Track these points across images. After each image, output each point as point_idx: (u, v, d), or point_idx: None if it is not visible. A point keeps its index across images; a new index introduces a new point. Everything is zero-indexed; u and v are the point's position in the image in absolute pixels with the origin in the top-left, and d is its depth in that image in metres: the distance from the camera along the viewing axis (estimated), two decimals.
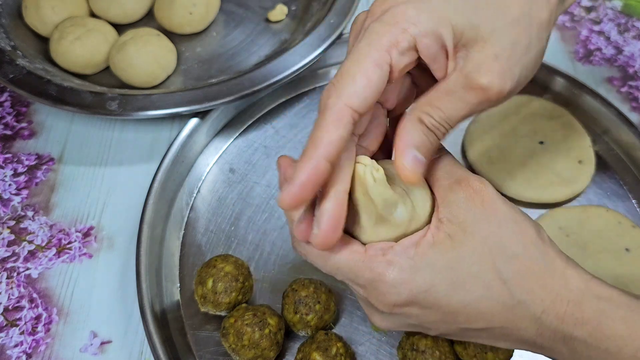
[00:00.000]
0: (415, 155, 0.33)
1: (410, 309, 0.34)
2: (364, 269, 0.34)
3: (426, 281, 0.33)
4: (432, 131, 0.33)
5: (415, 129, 0.33)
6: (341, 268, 0.34)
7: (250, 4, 0.74)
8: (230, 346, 0.45)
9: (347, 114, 0.32)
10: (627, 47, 0.73)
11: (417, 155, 0.33)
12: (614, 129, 0.61)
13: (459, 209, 0.34)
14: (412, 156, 0.33)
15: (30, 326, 0.51)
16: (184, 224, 0.56)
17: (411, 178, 0.33)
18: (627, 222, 0.54)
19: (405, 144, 0.33)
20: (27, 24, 0.68)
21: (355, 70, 0.32)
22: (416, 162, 0.33)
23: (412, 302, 0.33)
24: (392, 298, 0.33)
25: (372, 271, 0.33)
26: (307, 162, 0.31)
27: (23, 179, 0.60)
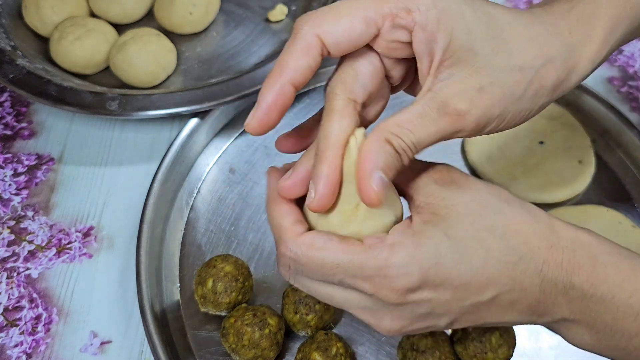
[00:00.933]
0: (381, 177, 0.31)
1: (421, 293, 0.32)
2: (367, 259, 0.32)
3: (432, 254, 0.32)
4: (399, 154, 0.32)
5: (383, 150, 0.32)
6: (342, 264, 0.32)
7: (250, 4, 0.74)
8: (230, 346, 0.45)
9: (317, 45, 0.32)
10: (627, 47, 0.73)
11: (382, 177, 0.31)
12: (614, 129, 0.61)
13: (432, 190, 0.34)
14: (379, 178, 0.31)
15: (30, 326, 0.51)
16: (184, 224, 0.56)
17: (375, 201, 0.31)
18: (627, 222, 0.54)
19: (371, 166, 0.31)
20: (27, 24, 0.68)
21: (343, 13, 0.32)
22: (382, 184, 0.31)
23: (424, 281, 0.32)
24: (404, 281, 0.32)
25: (377, 258, 0.32)
26: (273, 85, 0.32)
27: (23, 179, 0.60)
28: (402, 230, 0.33)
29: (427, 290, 0.33)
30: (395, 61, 0.35)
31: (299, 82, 0.32)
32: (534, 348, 0.49)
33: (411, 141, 0.32)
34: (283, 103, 0.32)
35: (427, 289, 0.32)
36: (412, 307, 0.33)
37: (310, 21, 0.32)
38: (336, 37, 0.32)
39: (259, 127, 0.33)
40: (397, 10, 0.32)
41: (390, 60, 0.34)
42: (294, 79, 0.32)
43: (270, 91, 0.32)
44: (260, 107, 0.32)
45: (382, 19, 0.32)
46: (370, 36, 0.32)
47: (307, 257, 0.33)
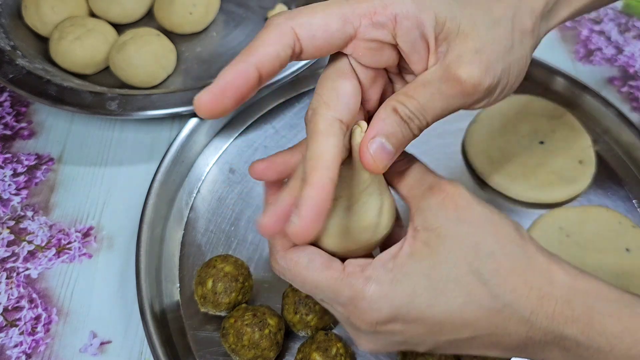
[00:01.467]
0: (383, 143, 0.31)
1: (393, 326, 0.33)
2: (343, 287, 0.32)
3: (406, 293, 0.32)
4: (406, 122, 0.32)
5: (389, 118, 0.32)
6: (320, 287, 0.33)
7: (250, 4, 0.74)
8: (230, 346, 0.45)
9: (290, 36, 0.30)
10: (628, 47, 0.73)
11: (385, 143, 0.31)
12: (614, 129, 0.61)
13: (432, 215, 0.33)
14: (379, 143, 0.31)
15: (30, 326, 0.51)
16: (183, 224, 0.56)
17: (372, 166, 0.31)
18: (627, 222, 0.54)
19: (375, 132, 0.31)
20: (27, 24, 0.68)
21: (319, 10, 0.31)
22: (382, 150, 0.31)
23: (394, 317, 0.32)
24: (374, 315, 0.32)
25: (351, 288, 0.32)
26: (237, 65, 0.29)
27: (23, 179, 0.60)
28: (383, 263, 0.33)
29: (398, 324, 0.33)
30: (373, 77, 0.34)
31: (265, 68, 0.30)
32: None
33: (416, 108, 0.32)
34: (242, 85, 0.29)
35: (399, 323, 0.33)
36: (386, 336, 0.34)
37: (287, 15, 0.31)
38: (311, 31, 0.30)
39: (209, 103, 0.29)
40: (374, 7, 0.31)
41: (369, 74, 0.33)
42: (260, 62, 0.29)
43: (231, 70, 0.29)
44: (216, 84, 0.29)
45: (359, 18, 0.31)
46: (347, 36, 0.31)
47: (292, 273, 0.34)
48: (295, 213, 0.29)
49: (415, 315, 0.32)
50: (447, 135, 0.61)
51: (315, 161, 0.29)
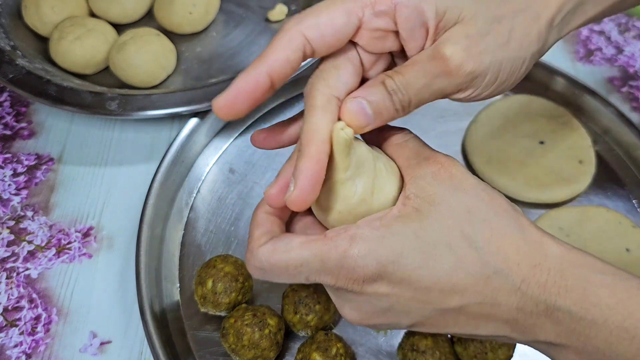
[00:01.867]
0: (363, 105, 0.32)
1: (379, 286, 0.32)
2: (328, 250, 0.32)
3: (394, 250, 0.31)
4: (389, 94, 0.33)
5: (374, 87, 0.33)
6: (305, 261, 0.32)
7: (250, 4, 0.74)
8: (230, 346, 0.45)
9: (299, 40, 0.32)
10: (628, 47, 0.73)
11: (365, 105, 0.32)
12: (614, 129, 0.61)
13: (425, 184, 0.33)
14: (359, 103, 0.32)
15: (30, 326, 0.51)
16: (183, 224, 0.56)
17: (349, 119, 0.32)
18: (627, 222, 0.54)
19: (358, 93, 0.33)
20: (26, 24, 0.68)
21: (323, 8, 0.33)
22: (361, 111, 0.32)
23: (380, 275, 0.32)
24: (360, 272, 0.32)
25: (337, 249, 0.32)
26: (250, 71, 0.32)
27: (23, 179, 0.60)
28: (369, 221, 0.33)
29: (385, 285, 0.32)
30: (375, 59, 0.35)
31: (276, 73, 0.32)
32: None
33: (400, 82, 0.33)
34: (255, 91, 0.32)
35: (385, 283, 0.32)
36: (371, 299, 0.33)
37: (295, 19, 0.33)
38: (319, 31, 0.32)
39: (224, 108, 0.32)
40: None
41: (372, 57, 0.35)
42: (270, 68, 0.32)
43: (244, 78, 0.32)
44: (230, 89, 0.32)
45: (362, 9, 0.33)
46: (353, 27, 0.33)
47: (270, 264, 0.33)
48: (292, 183, 0.31)
49: (401, 276, 0.32)
50: (447, 135, 0.61)
51: (311, 135, 0.32)
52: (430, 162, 0.34)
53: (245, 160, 0.60)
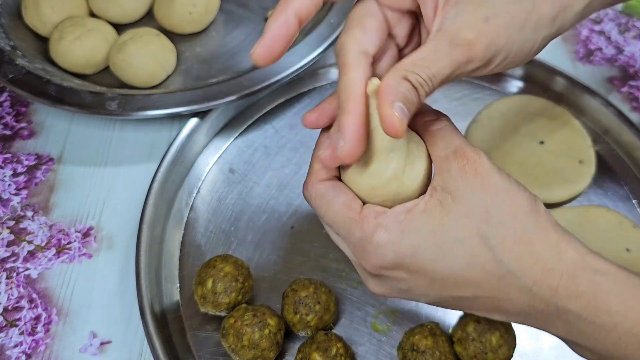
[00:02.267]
0: (402, 107, 0.32)
1: (398, 273, 0.34)
2: (355, 227, 0.34)
3: (412, 245, 0.33)
4: (416, 88, 0.33)
5: (401, 86, 0.32)
6: (337, 222, 0.36)
7: (250, 4, 0.74)
8: (230, 346, 0.45)
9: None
10: (628, 47, 0.73)
11: (403, 107, 0.32)
12: (614, 129, 0.61)
13: (451, 178, 0.34)
14: (399, 107, 0.32)
15: (30, 326, 0.51)
16: (183, 224, 0.56)
17: (398, 128, 0.32)
18: (627, 222, 0.54)
19: (392, 97, 0.32)
20: (26, 24, 0.68)
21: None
22: (403, 113, 0.32)
23: (398, 265, 0.34)
24: (378, 259, 0.34)
25: (362, 230, 0.34)
26: (278, 18, 0.34)
27: (22, 179, 0.60)
28: (396, 215, 0.34)
29: (402, 272, 0.34)
30: (399, 17, 0.37)
31: (302, 14, 0.34)
32: (534, 348, 0.49)
33: (427, 75, 0.33)
34: (288, 33, 0.34)
35: (402, 271, 0.34)
36: (390, 280, 0.35)
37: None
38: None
39: (264, 54, 0.34)
40: None
41: (395, 14, 0.37)
42: (298, 10, 0.34)
43: (276, 23, 0.34)
44: (266, 36, 0.34)
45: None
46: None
47: (316, 203, 0.37)
48: (340, 137, 0.33)
49: (417, 267, 0.34)
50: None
51: (348, 91, 0.34)
52: (457, 156, 0.34)
53: (245, 160, 0.60)
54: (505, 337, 0.45)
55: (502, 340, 0.45)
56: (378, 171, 0.35)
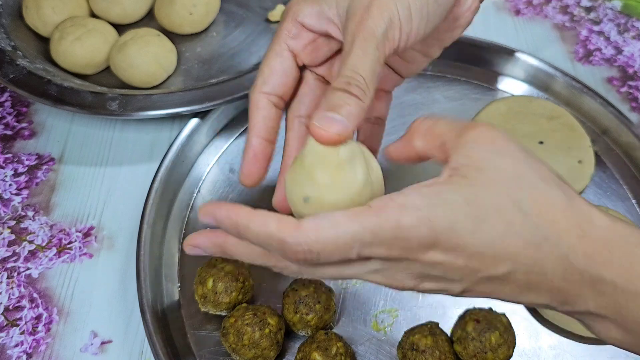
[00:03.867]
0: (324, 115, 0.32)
1: (434, 254, 0.31)
2: (379, 222, 0.30)
3: (447, 218, 0.30)
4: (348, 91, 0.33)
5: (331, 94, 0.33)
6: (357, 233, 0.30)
7: (250, 4, 0.74)
8: (230, 346, 0.45)
9: (263, 99, 0.40)
10: (627, 47, 0.73)
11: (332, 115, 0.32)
12: (613, 129, 0.61)
13: (469, 150, 0.32)
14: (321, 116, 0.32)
15: (31, 326, 0.51)
16: (184, 224, 0.56)
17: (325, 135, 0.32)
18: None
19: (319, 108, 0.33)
20: (27, 24, 0.68)
21: (263, 64, 0.40)
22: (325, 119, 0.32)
23: (435, 242, 0.31)
24: (415, 241, 0.30)
25: (388, 220, 0.30)
26: (247, 144, 0.40)
27: (23, 179, 0.60)
28: (417, 189, 0.31)
29: (439, 252, 0.31)
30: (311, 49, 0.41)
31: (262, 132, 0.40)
32: (534, 348, 0.49)
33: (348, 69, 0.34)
34: (260, 153, 0.40)
35: (440, 250, 0.31)
36: (424, 266, 0.32)
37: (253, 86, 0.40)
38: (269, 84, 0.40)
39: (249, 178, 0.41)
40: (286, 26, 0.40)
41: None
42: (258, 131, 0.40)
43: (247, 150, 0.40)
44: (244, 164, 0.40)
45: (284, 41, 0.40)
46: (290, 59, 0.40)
47: (320, 244, 0.30)
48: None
49: (456, 242, 0.31)
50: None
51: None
52: (469, 130, 0.33)
53: None
54: (504, 336, 0.45)
55: (501, 339, 0.45)
56: (348, 182, 0.33)
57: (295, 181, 0.34)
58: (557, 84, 0.64)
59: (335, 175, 0.33)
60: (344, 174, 0.33)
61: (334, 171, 0.33)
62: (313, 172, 0.33)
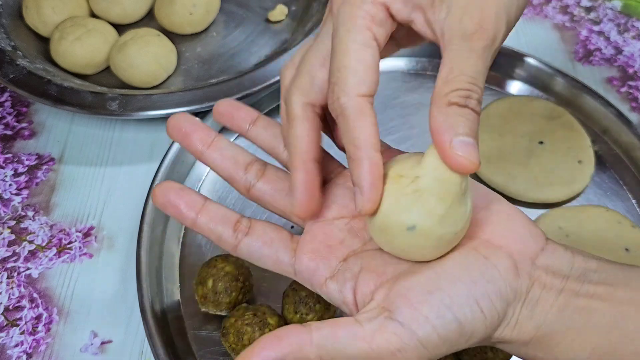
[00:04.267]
0: (462, 140, 0.28)
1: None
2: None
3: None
4: (466, 106, 0.28)
5: (448, 114, 0.28)
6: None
7: (250, 4, 0.74)
8: (230, 346, 0.45)
9: (365, 104, 0.31)
10: (627, 47, 0.73)
11: (463, 139, 0.28)
12: (613, 129, 0.61)
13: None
14: (459, 141, 0.28)
15: (31, 326, 0.51)
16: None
17: (468, 165, 0.28)
18: (627, 222, 0.54)
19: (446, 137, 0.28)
20: (27, 24, 0.68)
21: (349, 61, 0.31)
22: (465, 146, 0.28)
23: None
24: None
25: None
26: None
27: (23, 179, 0.60)
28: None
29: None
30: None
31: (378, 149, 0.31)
32: None
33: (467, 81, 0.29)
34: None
35: None
36: None
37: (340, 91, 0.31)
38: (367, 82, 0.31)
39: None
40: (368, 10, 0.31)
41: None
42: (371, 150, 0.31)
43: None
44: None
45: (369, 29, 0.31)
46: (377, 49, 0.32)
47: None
48: (292, 195, 0.33)
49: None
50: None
51: (294, 148, 0.33)
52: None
53: None
54: None
55: None
56: (460, 215, 0.30)
57: (400, 205, 0.30)
58: (557, 84, 0.64)
59: (451, 206, 0.30)
60: (458, 207, 0.30)
61: (453, 202, 0.30)
62: (430, 200, 0.29)
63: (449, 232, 0.30)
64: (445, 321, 0.29)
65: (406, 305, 0.29)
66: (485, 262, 0.31)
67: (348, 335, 0.29)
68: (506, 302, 0.30)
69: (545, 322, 0.30)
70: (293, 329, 0.29)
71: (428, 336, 0.29)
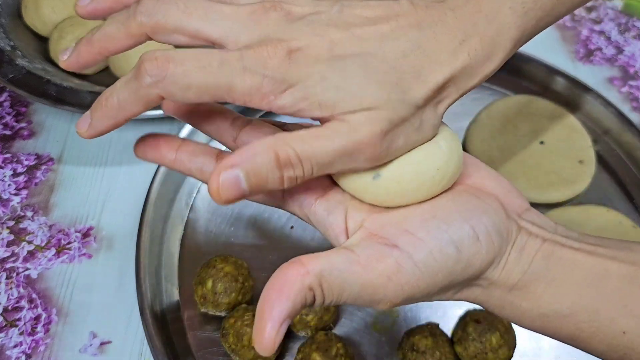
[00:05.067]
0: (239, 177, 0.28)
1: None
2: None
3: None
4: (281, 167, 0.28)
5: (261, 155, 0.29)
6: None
7: None
8: (230, 346, 0.45)
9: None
10: (628, 47, 0.73)
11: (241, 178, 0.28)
12: (614, 129, 0.61)
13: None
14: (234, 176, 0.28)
15: (30, 326, 0.51)
16: (183, 224, 0.56)
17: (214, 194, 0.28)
18: (627, 223, 0.54)
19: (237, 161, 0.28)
20: (26, 24, 0.68)
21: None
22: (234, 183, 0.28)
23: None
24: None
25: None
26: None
27: (22, 179, 0.60)
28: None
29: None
30: None
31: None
32: (534, 348, 0.49)
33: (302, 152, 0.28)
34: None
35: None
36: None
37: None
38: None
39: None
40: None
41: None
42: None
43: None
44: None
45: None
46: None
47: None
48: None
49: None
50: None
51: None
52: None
53: None
54: (505, 337, 0.45)
55: (502, 340, 0.45)
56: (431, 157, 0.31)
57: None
58: (558, 83, 0.64)
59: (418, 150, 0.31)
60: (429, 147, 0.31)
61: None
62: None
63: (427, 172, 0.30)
64: (442, 243, 0.28)
65: (400, 232, 0.29)
66: (479, 200, 0.31)
67: (344, 261, 0.28)
68: (500, 237, 0.30)
69: (531, 268, 0.30)
70: (286, 270, 0.28)
71: (425, 259, 0.28)
